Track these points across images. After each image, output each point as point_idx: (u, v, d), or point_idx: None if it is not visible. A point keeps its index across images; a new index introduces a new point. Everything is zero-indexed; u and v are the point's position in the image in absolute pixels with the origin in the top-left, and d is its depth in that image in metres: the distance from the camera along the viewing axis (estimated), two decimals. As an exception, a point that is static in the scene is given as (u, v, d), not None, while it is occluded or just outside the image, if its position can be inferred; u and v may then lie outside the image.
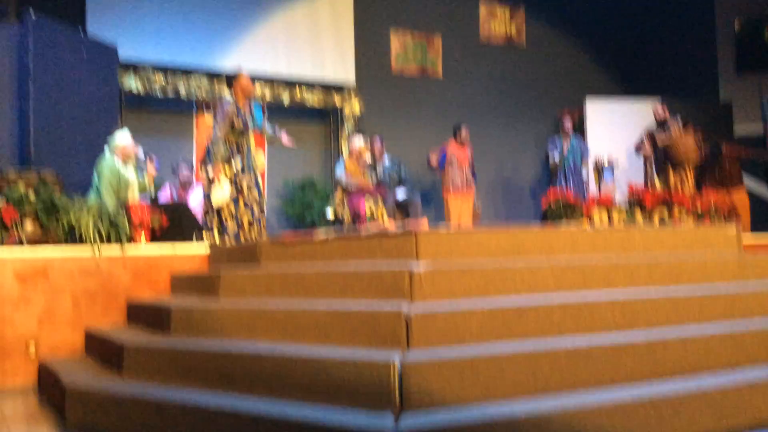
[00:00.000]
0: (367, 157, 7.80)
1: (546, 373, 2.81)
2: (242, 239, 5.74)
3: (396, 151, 9.24)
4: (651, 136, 8.98)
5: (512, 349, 2.82)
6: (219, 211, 5.79)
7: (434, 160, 8.66)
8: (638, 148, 9.17)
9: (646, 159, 9.28)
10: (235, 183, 5.82)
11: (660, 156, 8.94)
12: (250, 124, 5.98)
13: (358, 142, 7.64)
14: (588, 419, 2.51)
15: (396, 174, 8.30)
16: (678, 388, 2.75)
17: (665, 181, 8.66)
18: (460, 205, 8.82)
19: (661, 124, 8.86)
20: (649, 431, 2.60)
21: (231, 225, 5.77)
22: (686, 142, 8.59)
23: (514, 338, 3.04)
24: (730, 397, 2.79)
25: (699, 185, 8.78)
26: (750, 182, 9.66)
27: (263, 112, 6.27)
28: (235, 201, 5.81)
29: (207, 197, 5.87)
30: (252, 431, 2.61)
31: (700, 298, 3.51)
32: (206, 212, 5.89)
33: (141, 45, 8.63)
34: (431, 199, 10.45)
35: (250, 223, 5.85)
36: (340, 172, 7.52)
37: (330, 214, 7.47)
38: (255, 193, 5.94)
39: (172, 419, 2.89)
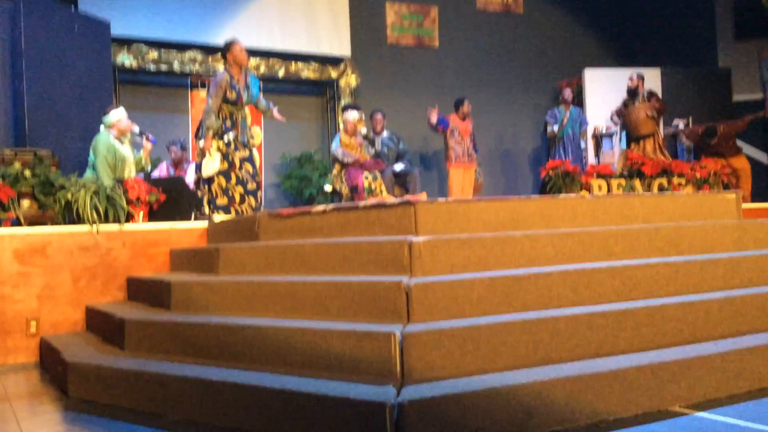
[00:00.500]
0: (363, 131, 7.75)
1: (546, 342, 2.82)
2: (233, 213, 5.71)
3: (393, 122, 9.19)
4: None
5: (512, 320, 2.82)
6: (210, 185, 5.76)
7: (433, 117, 8.56)
8: (612, 117, 9.04)
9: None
10: (226, 156, 5.77)
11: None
12: (244, 95, 5.90)
13: (353, 115, 7.58)
14: (588, 387, 2.52)
15: (394, 147, 8.25)
16: (678, 355, 2.76)
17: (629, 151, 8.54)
18: (462, 177, 8.82)
19: (632, 93, 8.73)
20: (650, 398, 2.62)
21: (221, 199, 5.75)
22: (637, 114, 8.47)
23: (514, 309, 3.04)
24: (730, 363, 2.80)
25: (698, 157, 8.73)
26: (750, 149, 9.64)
27: (259, 87, 6.20)
28: (226, 174, 5.77)
29: (198, 170, 5.84)
30: (254, 403, 2.62)
31: (699, 264, 3.51)
32: (197, 185, 5.87)
33: (133, 21, 8.54)
34: (430, 172, 10.42)
35: (242, 197, 5.82)
36: (335, 146, 7.48)
37: (329, 188, 7.44)
38: (249, 167, 5.88)
39: (175, 393, 2.91)
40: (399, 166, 7.96)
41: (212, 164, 5.68)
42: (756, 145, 10.24)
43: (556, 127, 9.41)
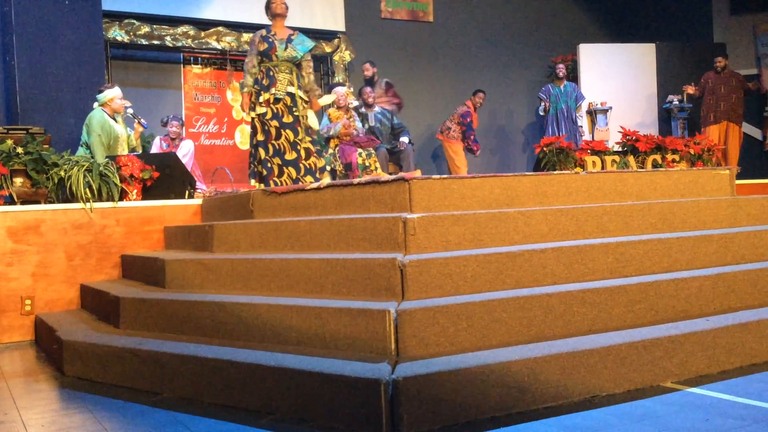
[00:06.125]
0: (354, 102, 7.69)
1: (540, 319, 2.84)
2: (271, 186, 5.53)
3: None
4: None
5: (506, 297, 2.84)
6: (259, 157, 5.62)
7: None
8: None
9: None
10: (264, 126, 5.58)
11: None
12: (279, 48, 5.61)
13: (341, 89, 7.54)
14: (581, 364, 2.54)
15: (387, 123, 8.21)
16: (670, 331, 2.78)
17: None
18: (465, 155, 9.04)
19: (368, 82, 8.57)
20: (642, 374, 2.64)
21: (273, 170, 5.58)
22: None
23: (508, 286, 3.06)
24: (722, 340, 2.82)
25: (692, 134, 8.75)
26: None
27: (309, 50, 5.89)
28: (264, 146, 5.57)
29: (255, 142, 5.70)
30: (249, 381, 2.63)
31: (692, 241, 3.52)
32: (251, 161, 5.75)
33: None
34: (424, 149, 10.38)
35: (280, 169, 5.57)
36: (323, 126, 7.39)
37: (328, 164, 7.36)
38: (290, 134, 5.62)
39: (170, 370, 2.92)
40: (405, 140, 7.96)
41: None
42: (750, 121, 10.23)
43: (541, 110, 9.50)
